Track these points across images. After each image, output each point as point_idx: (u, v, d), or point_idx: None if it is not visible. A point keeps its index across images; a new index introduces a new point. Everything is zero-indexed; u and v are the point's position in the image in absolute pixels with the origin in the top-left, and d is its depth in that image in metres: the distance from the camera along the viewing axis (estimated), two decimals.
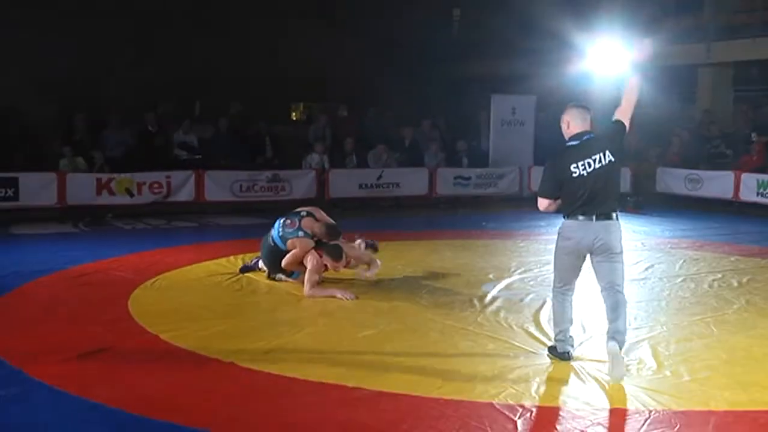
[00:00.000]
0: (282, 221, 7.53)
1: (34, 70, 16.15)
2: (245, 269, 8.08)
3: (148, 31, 17.85)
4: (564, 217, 5.26)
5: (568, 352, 5.32)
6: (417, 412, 4.41)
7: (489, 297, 7.18)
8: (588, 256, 5.23)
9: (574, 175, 5.14)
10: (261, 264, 7.91)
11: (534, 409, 4.47)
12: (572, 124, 5.32)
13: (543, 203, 5.33)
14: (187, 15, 18.46)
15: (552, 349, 5.43)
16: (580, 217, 5.15)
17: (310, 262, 7.18)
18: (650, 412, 4.46)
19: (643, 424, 4.30)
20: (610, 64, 16.27)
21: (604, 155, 5.16)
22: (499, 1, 20.35)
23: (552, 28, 17.23)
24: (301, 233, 7.30)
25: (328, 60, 19.52)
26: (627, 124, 5.32)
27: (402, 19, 20.89)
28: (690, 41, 17.22)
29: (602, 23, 16.02)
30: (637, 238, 10.75)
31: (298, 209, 7.77)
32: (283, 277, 7.69)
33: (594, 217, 5.12)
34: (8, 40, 16.06)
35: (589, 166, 5.14)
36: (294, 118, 22.37)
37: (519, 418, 4.34)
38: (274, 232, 7.53)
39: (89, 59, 16.78)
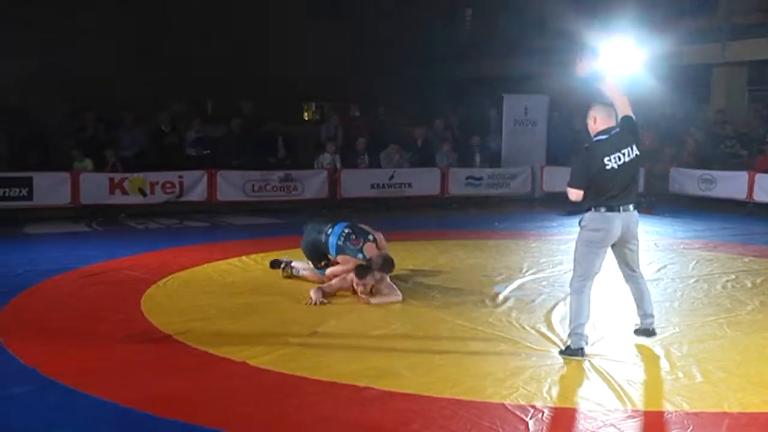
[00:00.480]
0: (347, 232, 7.38)
1: (45, 70, 16.27)
2: (276, 264, 8.03)
3: (159, 30, 17.94)
4: (589, 209, 5.41)
5: (582, 349, 5.33)
6: (428, 412, 4.42)
7: (500, 297, 7.18)
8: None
9: (608, 167, 5.33)
10: (295, 263, 7.89)
11: (545, 410, 4.46)
12: (599, 120, 5.53)
13: (577, 194, 5.44)
14: (200, 15, 18.54)
15: (565, 350, 5.43)
16: (604, 209, 5.35)
17: (341, 279, 7.16)
18: (663, 413, 4.44)
19: (656, 426, 4.28)
20: (623, 64, 16.18)
21: (632, 149, 5.41)
22: (511, 1, 20.33)
23: (565, 28, 17.19)
24: (360, 255, 7.21)
25: (340, 60, 19.56)
26: (633, 116, 5.56)
27: (414, 19, 20.91)
28: (705, 41, 17.14)
29: (616, 23, 15.98)
30: (650, 238, 10.71)
31: (364, 227, 7.57)
32: (301, 271, 7.75)
33: (621, 208, 5.36)
34: (20, 40, 16.18)
35: (620, 159, 5.36)
36: (306, 118, 22.43)
37: (530, 418, 4.33)
38: (333, 237, 7.40)
39: (101, 59, 16.89)
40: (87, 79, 16.17)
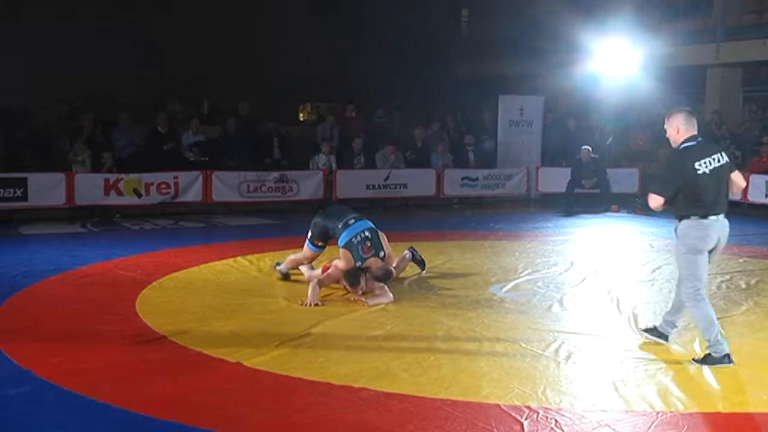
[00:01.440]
0: (366, 236, 7.20)
1: (43, 71, 16.24)
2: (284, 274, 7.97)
3: (155, 30, 17.91)
4: (685, 218, 5.27)
5: (728, 355, 5.20)
6: (424, 412, 4.42)
7: (496, 298, 7.19)
8: None
9: (699, 172, 5.22)
10: (281, 267, 7.87)
11: (540, 411, 4.46)
12: (682, 129, 5.36)
13: (658, 201, 5.29)
14: (196, 15, 18.53)
15: (705, 359, 5.25)
16: (699, 217, 5.22)
17: (328, 276, 7.22)
18: (657, 413, 4.45)
19: (650, 426, 4.29)
20: (618, 65, 16.26)
21: (721, 156, 5.32)
22: (508, 2, 20.36)
23: (561, 29, 17.22)
24: (359, 263, 7.12)
25: (337, 60, 19.56)
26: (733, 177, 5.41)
27: (411, 19, 20.92)
28: (699, 42, 17.18)
29: (611, 25, 16.03)
30: (645, 239, 10.72)
31: (383, 239, 7.37)
32: (303, 268, 7.77)
33: (716, 216, 5.26)
34: (18, 41, 16.15)
35: (710, 164, 5.26)
36: (302, 119, 22.41)
37: (525, 419, 4.33)
38: (350, 230, 7.22)
39: (98, 59, 16.86)
40: (85, 79, 16.14)
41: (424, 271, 8.22)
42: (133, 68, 17.41)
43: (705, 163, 5.23)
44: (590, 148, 14.47)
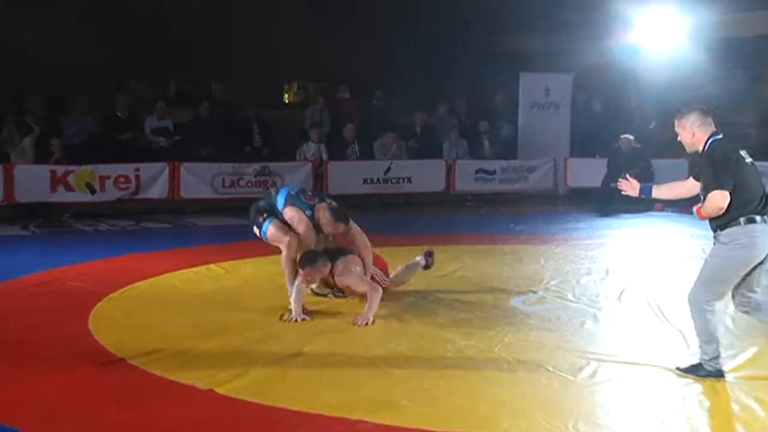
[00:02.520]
0: (301, 189, 7.74)
1: None
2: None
3: (115, 2, 17.90)
4: (732, 223, 5.17)
5: (721, 369, 5.37)
6: None
7: (518, 313, 7.17)
8: None
9: (747, 160, 5.20)
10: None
11: None
12: (698, 131, 5.36)
13: (725, 196, 5.09)
14: None
15: (696, 368, 5.43)
16: (758, 218, 5.15)
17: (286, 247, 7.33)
18: None
19: None
20: (661, 37, 16.19)
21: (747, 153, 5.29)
22: None
23: None
24: (309, 212, 7.38)
25: (328, 31, 19.50)
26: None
27: None
28: (759, 8, 17.15)
29: None
30: (694, 243, 10.62)
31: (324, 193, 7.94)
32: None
33: (764, 218, 5.17)
34: None
35: (748, 156, 5.24)
36: (287, 101, 22.44)
37: None
38: (283, 191, 7.60)
39: (48, 35, 16.83)
40: (40, 57, 16.13)
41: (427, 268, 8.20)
42: (88, 45, 17.39)
43: (744, 153, 5.23)
44: (632, 137, 14.38)
